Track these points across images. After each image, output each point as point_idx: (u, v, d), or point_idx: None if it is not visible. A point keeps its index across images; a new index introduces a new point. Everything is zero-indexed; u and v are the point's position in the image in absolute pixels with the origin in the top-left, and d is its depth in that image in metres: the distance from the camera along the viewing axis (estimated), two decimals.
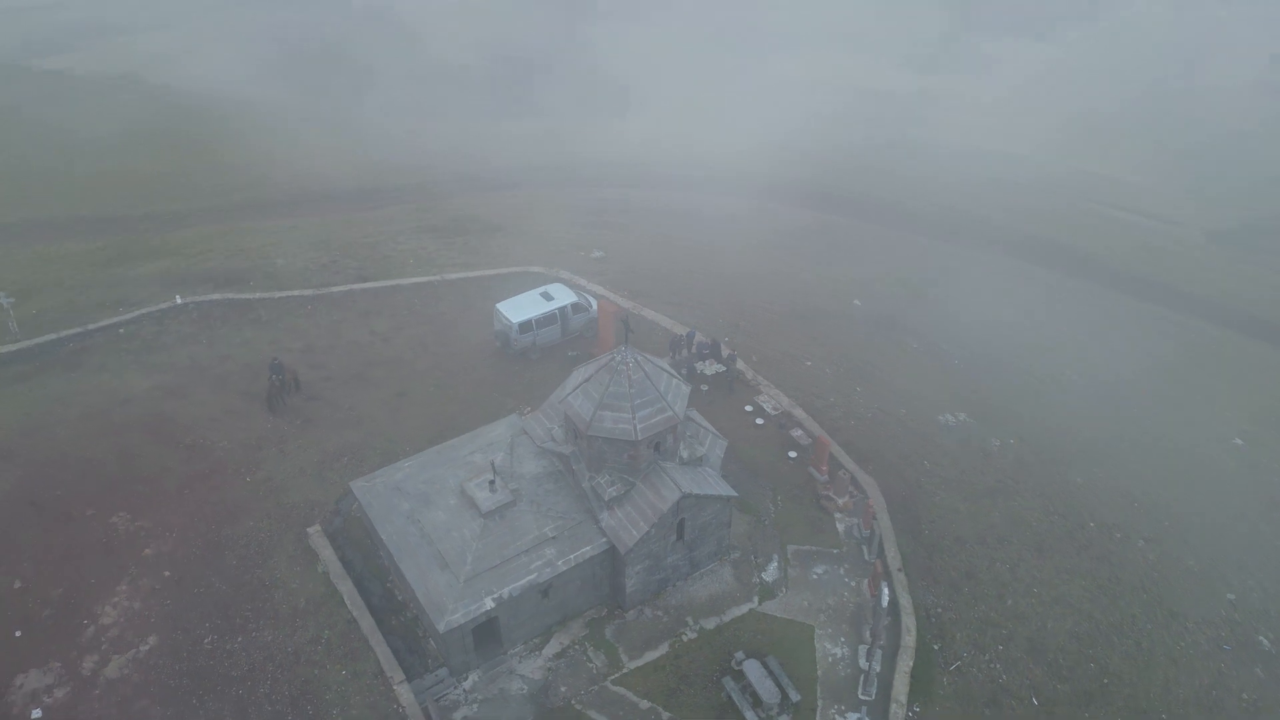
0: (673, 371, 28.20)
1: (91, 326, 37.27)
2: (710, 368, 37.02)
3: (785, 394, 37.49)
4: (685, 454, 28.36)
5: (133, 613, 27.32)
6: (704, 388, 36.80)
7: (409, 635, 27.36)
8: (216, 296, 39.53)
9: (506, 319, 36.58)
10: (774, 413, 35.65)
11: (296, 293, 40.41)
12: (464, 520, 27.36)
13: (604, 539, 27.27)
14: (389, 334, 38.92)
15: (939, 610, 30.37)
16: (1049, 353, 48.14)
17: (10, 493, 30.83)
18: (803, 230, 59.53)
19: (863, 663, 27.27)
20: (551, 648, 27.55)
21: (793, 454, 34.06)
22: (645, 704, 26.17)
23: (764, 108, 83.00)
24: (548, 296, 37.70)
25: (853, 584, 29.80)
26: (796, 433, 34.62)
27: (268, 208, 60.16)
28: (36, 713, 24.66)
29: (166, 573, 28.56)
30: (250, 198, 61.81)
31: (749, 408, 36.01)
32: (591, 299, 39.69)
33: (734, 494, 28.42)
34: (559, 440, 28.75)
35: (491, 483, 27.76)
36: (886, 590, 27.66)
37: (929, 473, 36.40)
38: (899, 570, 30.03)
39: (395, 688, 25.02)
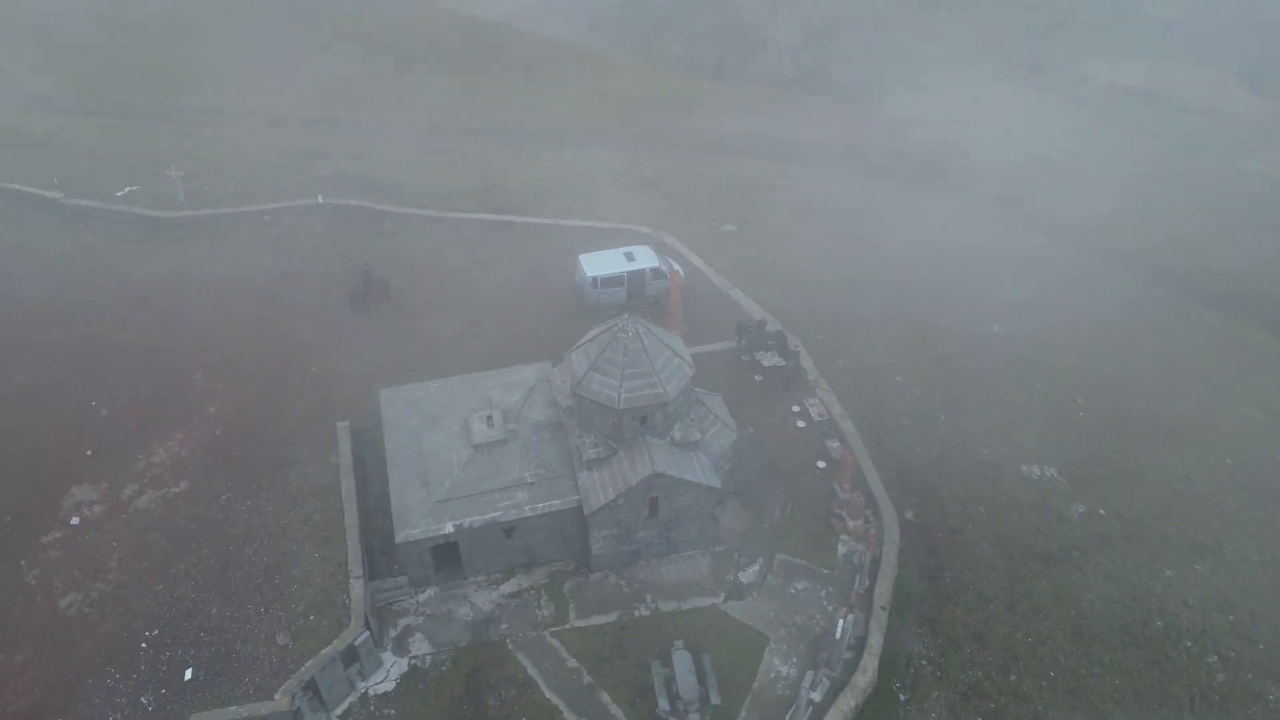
0: (680, 351, 27.78)
1: (243, 209, 42.01)
2: (770, 359, 35.85)
3: (843, 403, 35.64)
4: (678, 435, 27.99)
5: (178, 458, 31.24)
6: (758, 378, 35.75)
7: (388, 539, 29.30)
8: (352, 202, 43.14)
9: (584, 272, 37.29)
10: (818, 418, 34.06)
11: (422, 211, 43.22)
12: (457, 447, 28.72)
13: (576, 496, 27.67)
14: (488, 265, 40.85)
15: (923, 663, 28.24)
16: (1210, 434, 42.13)
17: (128, 336, 35.92)
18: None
19: (804, 689, 26.03)
20: (509, 586, 28.51)
21: (821, 464, 32.52)
22: (573, 663, 26.56)
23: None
24: (630, 257, 37.95)
25: (829, 609, 28.31)
26: (833, 443, 32.94)
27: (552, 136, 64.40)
28: (75, 520, 29.04)
29: (218, 431, 32.30)
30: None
31: (796, 408, 34.64)
32: (676, 266, 39.47)
33: (717, 486, 27.74)
34: (564, 394, 29.30)
35: (489, 418, 28.87)
36: (842, 623, 26.11)
37: (980, 522, 33.46)
38: (882, 608, 28.13)
39: (351, 580, 27.04)
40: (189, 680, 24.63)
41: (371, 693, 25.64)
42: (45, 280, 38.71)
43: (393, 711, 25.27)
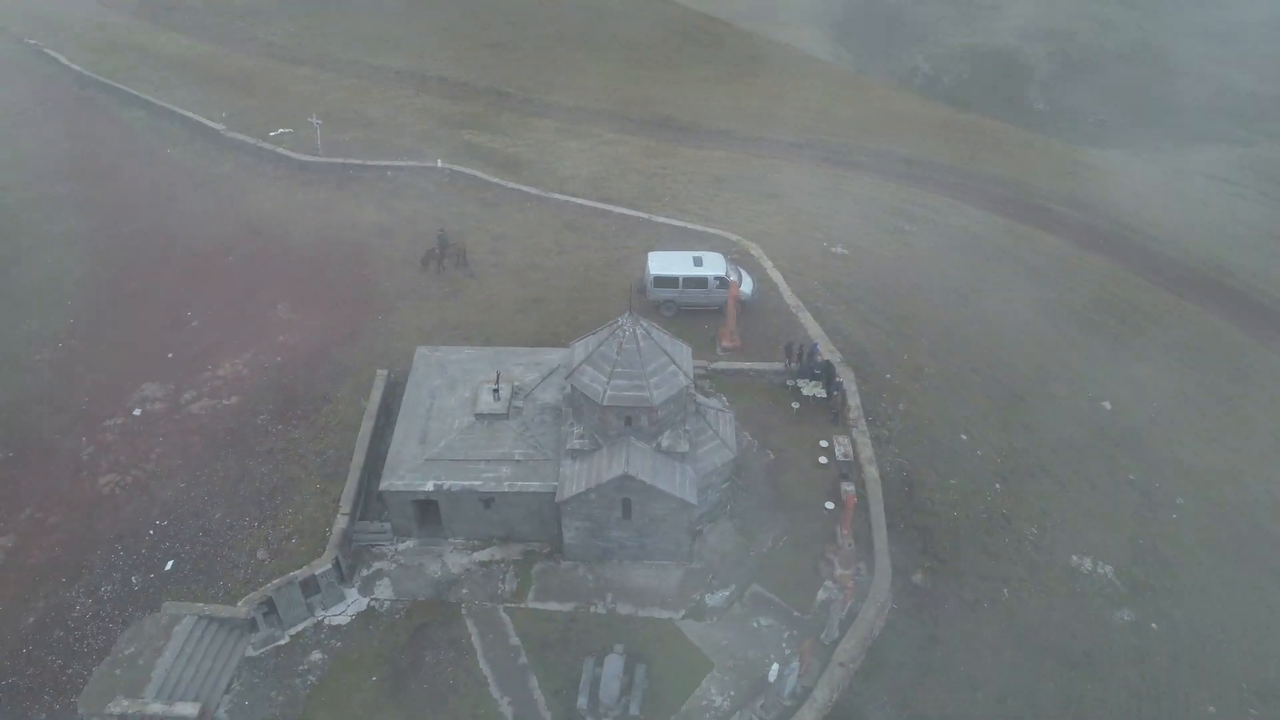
0: (679, 360, 27.46)
1: (364, 162, 45.21)
2: (811, 388, 34.59)
3: (880, 448, 33.87)
4: (665, 443, 27.74)
5: (238, 375, 34.35)
6: (795, 405, 34.59)
7: None
8: (467, 170, 45.37)
9: (648, 269, 37.45)
10: (841, 458, 32.56)
11: (526, 189, 44.79)
12: (462, 412, 29.86)
13: (554, 482, 28.09)
14: (569, 248, 41.83)
15: None
16: None
17: (234, 260, 39.74)
18: None
19: None
20: (482, 555, 29.37)
21: (830, 505, 31.11)
22: (515, 641, 27.07)
23: None
24: (698, 262, 37.66)
25: (786, 652, 27.17)
26: (848, 486, 31.39)
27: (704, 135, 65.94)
28: (137, 411, 32.65)
29: (278, 358, 35.20)
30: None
31: (824, 443, 33.26)
32: (748, 280, 38.75)
33: (691, 501, 27.27)
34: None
35: (496, 391, 29.79)
36: (778, 666, 25.04)
37: (999, 603, 30.99)
38: (841, 664, 26.69)
39: (338, 515, 28.83)
40: (169, 570, 27.24)
41: (327, 622, 27.28)
42: (187, 199, 43.47)
43: (338, 644, 26.79)
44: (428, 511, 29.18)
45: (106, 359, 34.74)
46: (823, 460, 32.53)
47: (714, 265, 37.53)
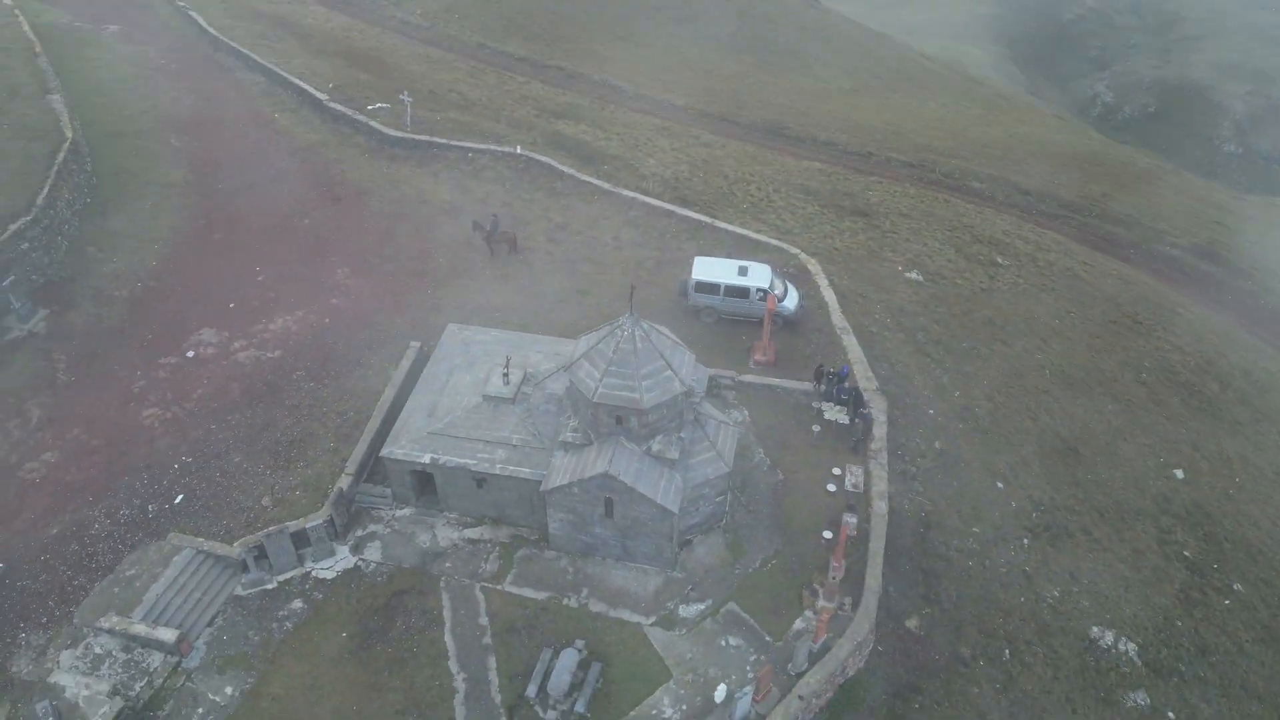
0: (677, 366, 27.20)
1: (449, 142, 46.71)
2: (833, 413, 33.53)
3: (896, 483, 32.56)
4: (655, 448, 27.57)
5: (287, 331, 36.26)
6: (815, 428, 33.63)
7: None
8: (543, 158, 46.19)
9: (691, 274, 37.20)
10: (850, 488, 31.45)
11: (597, 182, 45.20)
12: (472, 392, 30.57)
13: (543, 472, 28.39)
14: (625, 245, 41.96)
15: None
16: None
17: (310, 224, 41.89)
18: None
19: None
20: (472, 533, 30.01)
21: (828, 534, 30.15)
22: (484, 620, 27.57)
23: None
24: (743, 271, 37.09)
25: (750, 677, 26.57)
26: (850, 518, 30.30)
27: (812, 145, 65.55)
28: (190, 353, 34.97)
29: (326, 320, 36.94)
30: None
31: (837, 470, 32.21)
32: (793, 296, 37.87)
33: (672, 510, 26.99)
34: None
35: (506, 375, 30.33)
36: (725, 686, 24.52)
37: (1000, 663, 29.35)
38: (800, 697, 25.87)
39: (342, 475, 30.07)
40: (178, 503, 29.11)
41: (315, 574, 28.53)
42: (282, 162, 46.07)
43: (320, 596, 27.98)
44: (426, 483, 30.04)
45: (176, 302, 37.31)
46: (831, 488, 31.55)
47: (759, 276, 36.89)
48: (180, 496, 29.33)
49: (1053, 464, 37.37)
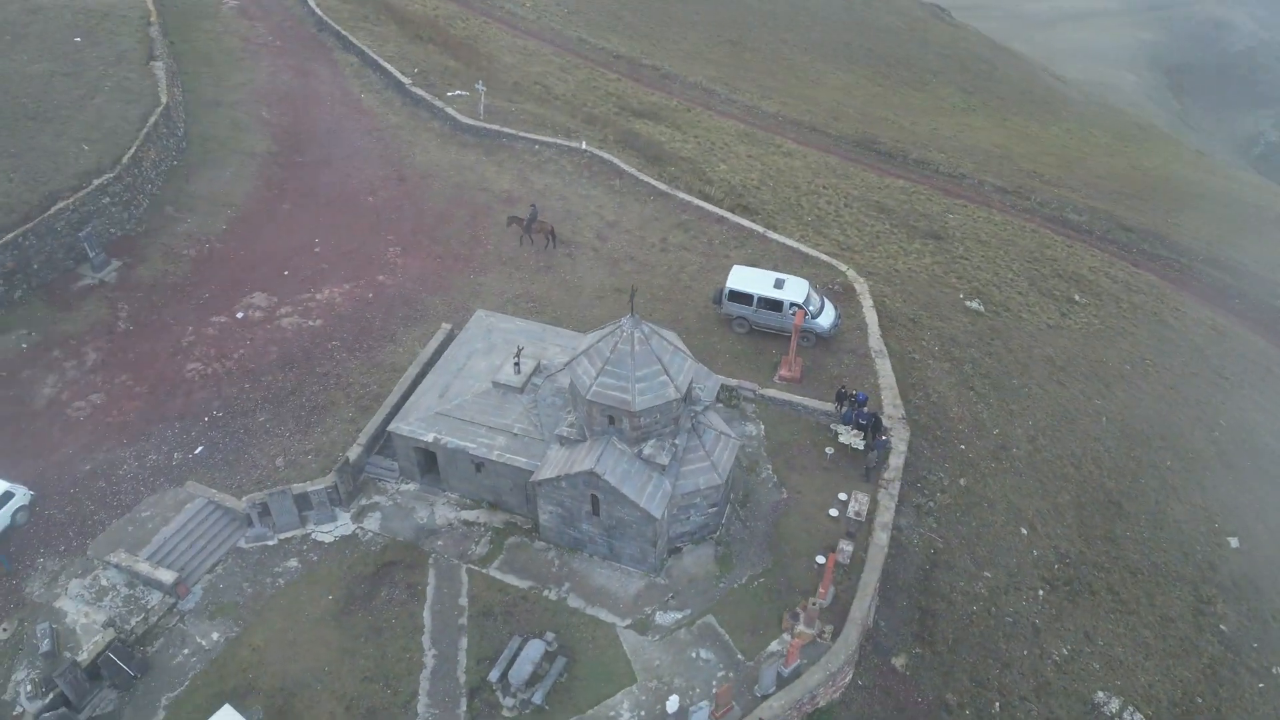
0: (670, 371, 27.01)
1: (518, 133, 47.60)
2: (848, 437, 32.63)
3: (905, 515, 31.51)
4: (646, 451, 27.50)
5: (331, 302, 37.74)
6: (829, 451, 32.83)
7: None
8: (606, 156, 46.53)
9: (726, 282, 36.86)
10: (853, 515, 30.56)
11: (654, 182, 45.25)
12: (484, 378, 31.16)
13: (538, 463, 28.71)
14: (671, 247, 41.86)
15: None
16: None
17: (374, 202, 43.44)
18: None
19: None
20: (469, 514, 30.61)
21: (821, 559, 29.42)
22: (464, 601, 28.10)
23: None
24: (779, 284, 36.49)
25: (712, 692, 26.22)
26: (846, 546, 29.52)
27: (901, 163, 64.62)
28: (240, 314, 36.82)
29: (370, 295, 38.28)
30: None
31: (843, 495, 31.34)
32: (830, 313, 36.99)
33: (654, 515, 26.85)
34: None
35: (516, 364, 30.79)
36: (694, 710, 24.27)
37: (985, 715, 28.07)
38: (761, 719, 25.40)
39: (353, 445, 31.15)
40: (198, 454, 30.74)
41: (314, 537, 29.65)
42: (359, 140, 47.91)
43: (314, 558, 29.06)
44: (431, 461, 30.80)
45: (236, 265, 39.34)
46: (834, 513, 30.75)
47: (795, 290, 36.23)
48: (201, 448, 30.97)
49: (1089, 516, 35.47)
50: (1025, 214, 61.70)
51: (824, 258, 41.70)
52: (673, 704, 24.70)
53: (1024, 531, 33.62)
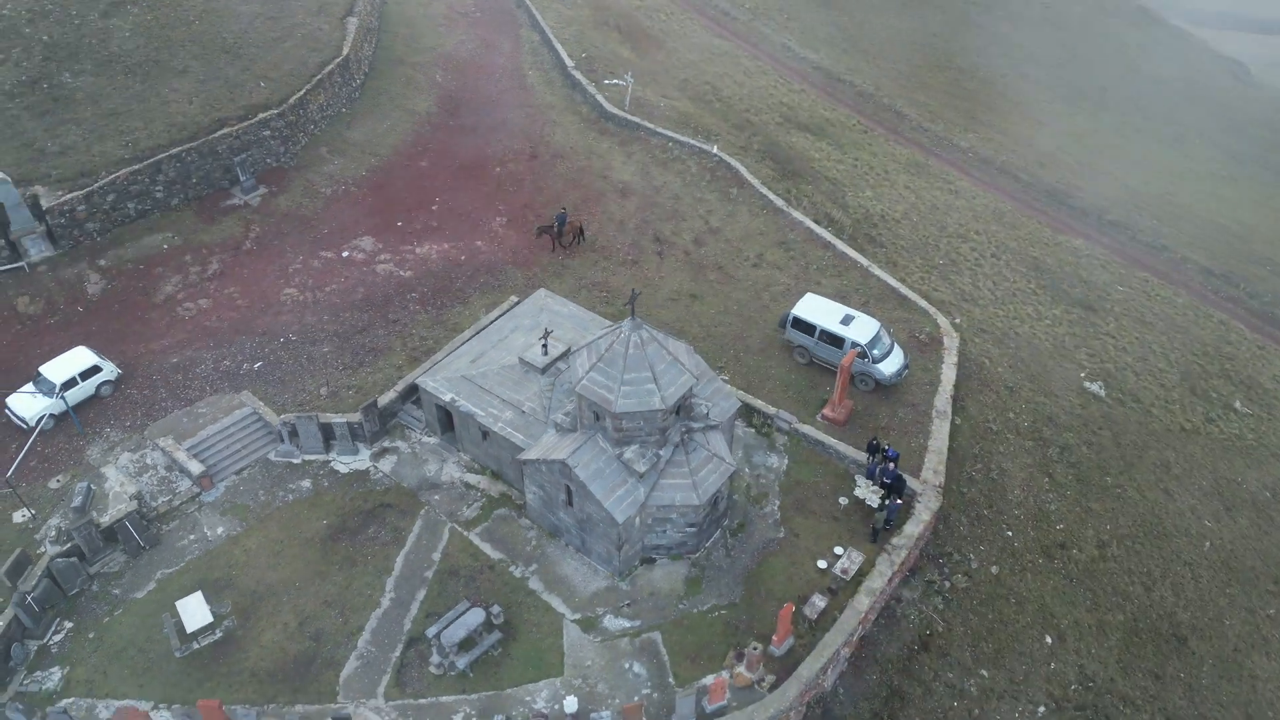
0: (660, 380, 26.65)
1: (656, 129, 48.10)
2: (865, 493, 30.71)
3: (922, 596, 29.39)
4: (627, 456, 27.44)
5: (426, 258, 40.21)
6: (842, 501, 31.10)
7: None
8: (734, 163, 46.04)
9: (793, 308, 35.69)
10: (840, 574, 28.84)
11: (769, 195, 44.23)
12: (516, 353, 32.20)
13: (532, 442, 29.41)
14: (764, 264, 40.83)
15: None
16: None
17: (502, 173, 45.68)
18: None
19: None
20: (473, 478, 31.84)
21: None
22: (437, 556, 29.38)
23: None
24: (847, 321, 34.81)
25: (631, 702, 25.87)
26: (819, 601, 27.98)
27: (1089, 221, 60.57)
28: (345, 253, 40.10)
29: (462, 258, 40.38)
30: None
31: (839, 550, 29.63)
32: (896, 361, 34.82)
33: (616, 519, 26.80)
34: None
35: (543, 345, 31.58)
36: (595, 718, 24.18)
37: None
38: None
39: (388, 391, 33.25)
40: (256, 369, 33.95)
41: (332, 465, 32.03)
42: (510, 113, 50.38)
43: (325, 485, 31.39)
44: (445, 420, 32.31)
45: (360, 209, 42.78)
46: (822, 564, 29.24)
47: (861, 330, 34.49)
48: (259, 363, 34.21)
49: (1141, 644, 31.48)
50: (1224, 302, 54.61)
51: (922, 303, 39.24)
52: (570, 704, 24.69)
53: (1048, 640, 30.37)
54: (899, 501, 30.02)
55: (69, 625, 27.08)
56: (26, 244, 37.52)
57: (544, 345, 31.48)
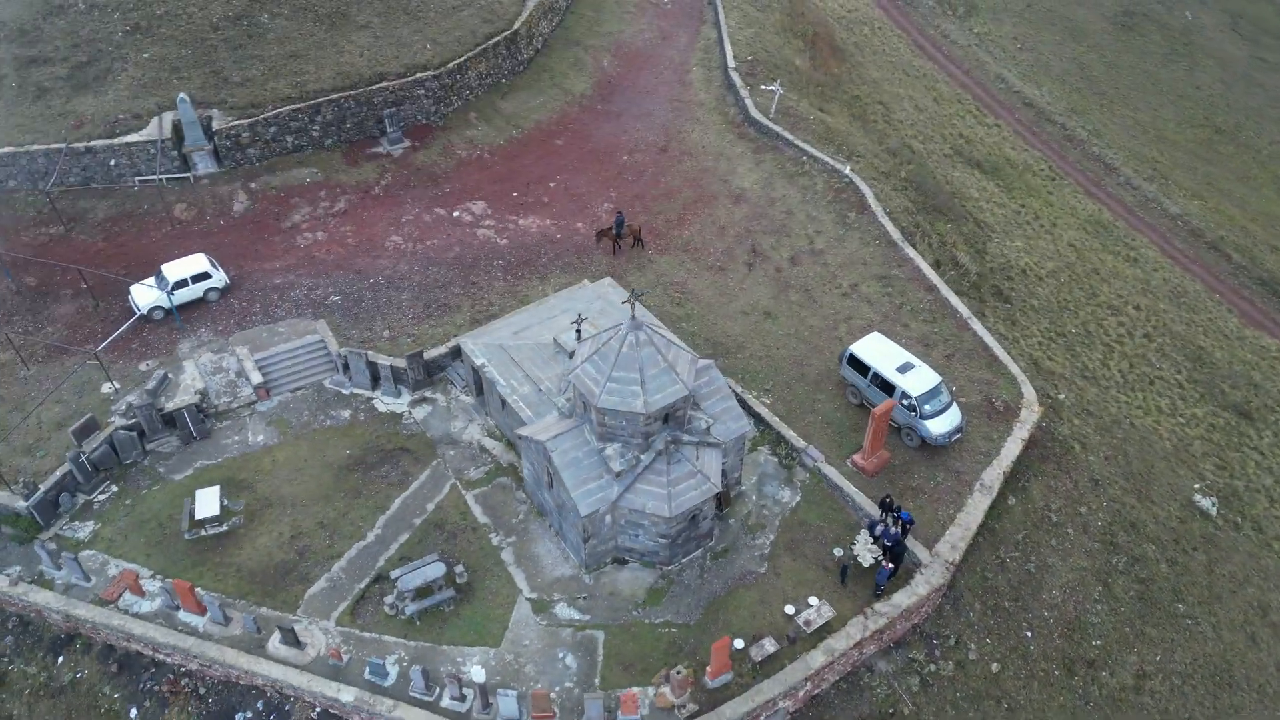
0: (647, 386, 26.36)
1: (794, 140, 46.84)
2: (863, 550, 28.80)
3: (896, 671, 27.49)
4: (608, 452, 27.48)
5: (525, 230, 41.82)
6: (837, 551, 29.40)
7: None
8: (864, 188, 44.01)
9: (854, 345, 33.94)
10: (803, 625, 27.35)
11: (888, 228, 41.86)
12: (552, 334, 32.97)
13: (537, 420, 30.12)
14: (855, 296, 38.85)
15: None
16: None
17: (629, 162, 46.46)
18: None
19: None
20: (489, 444, 33.02)
21: (740, 644, 27.03)
22: (430, 507, 30.89)
23: None
24: (905, 369, 32.61)
25: (551, 696, 26.10)
26: (769, 645, 26.73)
27: None
28: (456, 213, 42.43)
29: (559, 235, 41.66)
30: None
31: (813, 600, 28.07)
32: (950, 421, 32.22)
33: (580, 510, 26.95)
34: None
35: (577, 332, 32.11)
36: (506, 700, 24.74)
37: None
38: None
39: (438, 346, 35.13)
40: (332, 301, 36.88)
41: (373, 402, 34.32)
42: (658, 106, 50.98)
43: (362, 418, 33.72)
44: (478, 383, 33.66)
45: (484, 175, 45.09)
46: (790, 610, 27.93)
47: (918, 382, 32.26)
48: (340, 297, 37.13)
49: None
50: None
51: (1014, 368, 35.97)
52: (477, 674, 25.29)
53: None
54: (888, 567, 28.02)
55: (114, 489, 31.00)
56: (195, 159, 42.74)
57: (578, 330, 31.97)
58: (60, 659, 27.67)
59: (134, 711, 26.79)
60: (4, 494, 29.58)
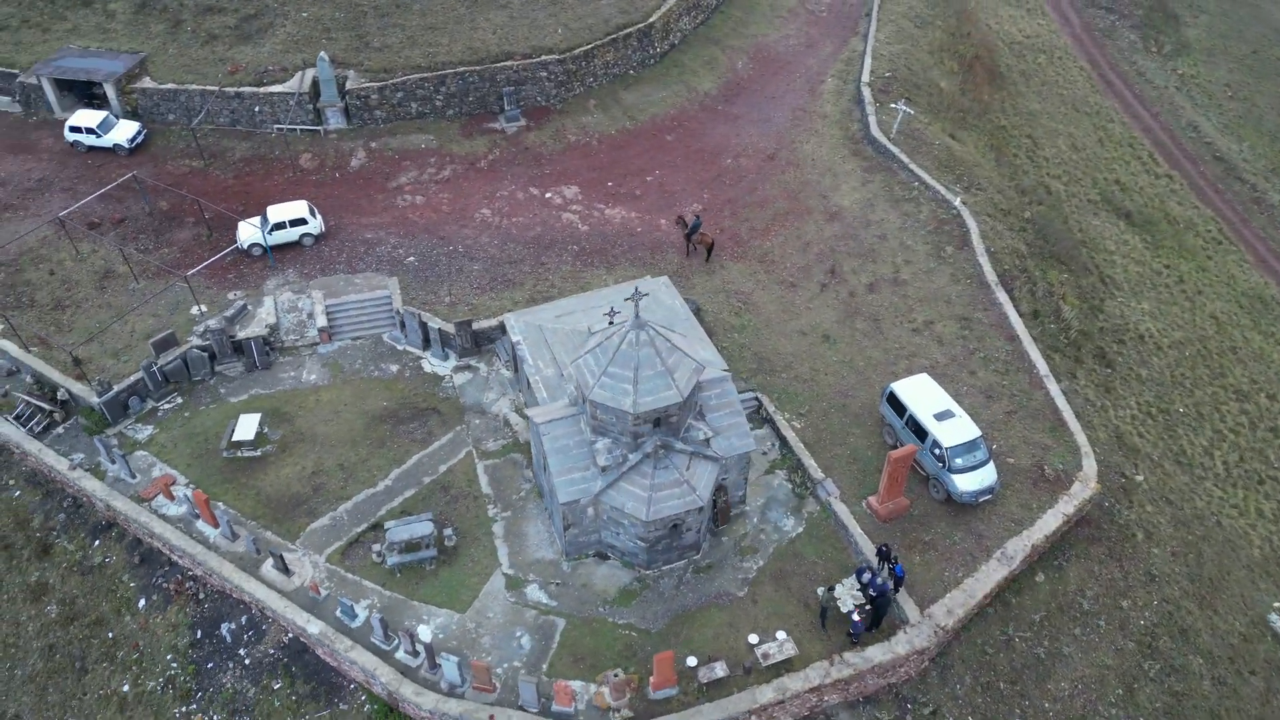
0: (639, 386, 26.16)
1: (908, 163, 44.57)
2: (844, 596, 27.40)
3: (859, 717, 26.24)
4: (600, 445, 27.58)
5: (605, 219, 42.34)
6: (820, 590, 28.11)
7: None
8: (971, 223, 41.31)
9: (896, 384, 32.23)
10: (761, 657, 26.38)
11: (984, 268, 39.23)
12: (590, 323, 33.35)
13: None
14: (927, 334, 36.72)
15: None
16: None
17: (730, 165, 46.02)
18: None
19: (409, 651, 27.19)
20: (514, 419, 33.95)
21: (693, 661, 26.47)
22: (442, 469, 32.16)
23: None
24: (943, 416, 30.61)
25: (497, 683, 26.64)
26: (719, 670, 26.02)
27: None
28: (549, 195, 43.53)
29: (639, 229, 41.88)
30: None
31: (781, 634, 27.03)
32: (985, 479, 29.99)
33: (560, 497, 27.25)
34: None
35: (610, 320, 32.27)
36: (448, 665, 25.59)
37: None
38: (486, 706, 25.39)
39: (487, 319, 36.29)
40: (408, 262, 38.81)
41: (421, 361, 36.01)
42: (780, 114, 50.01)
43: (407, 375, 35.47)
44: (515, 360, 34.54)
45: (587, 161, 45.80)
46: (753, 640, 27.09)
47: (954, 433, 30.29)
48: (414, 258, 39.02)
49: None
50: None
51: (1081, 438, 32.97)
52: (424, 632, 26.07)
53: None
54: (859, 620, 26.57)
55: (179, 401, 34.17)
56: (328, 114, 46.01)
57: (610, 322, 32.09)
58: (96, 542, 30.93)
59: (142, 602, 29.58)
60: (83, 388, 33.25)
